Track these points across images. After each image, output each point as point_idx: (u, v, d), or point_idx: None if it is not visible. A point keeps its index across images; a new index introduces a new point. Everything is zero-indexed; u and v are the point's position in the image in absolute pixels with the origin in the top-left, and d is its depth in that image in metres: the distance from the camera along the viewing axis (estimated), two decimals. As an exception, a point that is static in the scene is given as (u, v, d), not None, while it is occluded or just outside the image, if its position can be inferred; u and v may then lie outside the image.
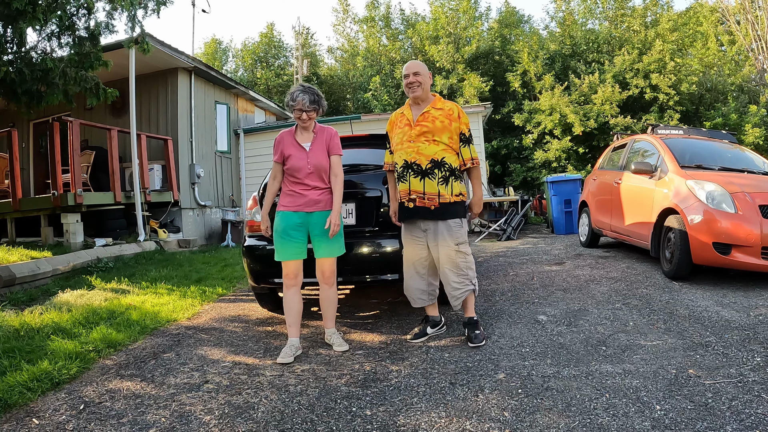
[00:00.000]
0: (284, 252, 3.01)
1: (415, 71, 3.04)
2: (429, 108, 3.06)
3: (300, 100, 2.96)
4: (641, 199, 5.06)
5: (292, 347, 2.96)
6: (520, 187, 13.72)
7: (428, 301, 3.21)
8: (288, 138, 3.06)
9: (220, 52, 23.72)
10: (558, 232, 9.06)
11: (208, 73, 9.35)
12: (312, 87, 3.06)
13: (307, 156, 3.00)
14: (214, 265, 6.35)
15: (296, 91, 3.00)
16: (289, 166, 3.01)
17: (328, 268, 3.06)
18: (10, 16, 4.65)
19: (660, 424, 1.95)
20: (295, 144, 3.03)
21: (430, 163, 2.99)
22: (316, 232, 3.02)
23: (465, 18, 16.39)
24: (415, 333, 3.20)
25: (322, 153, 3.04)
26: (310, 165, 2.99)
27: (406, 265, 3.17)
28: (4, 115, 9.28)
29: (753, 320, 3.14)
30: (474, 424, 2.04)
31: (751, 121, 11.75)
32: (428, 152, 3.00)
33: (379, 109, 15.35)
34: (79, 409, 2.33)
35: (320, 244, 3.03)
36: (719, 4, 16.71)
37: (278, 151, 3.05)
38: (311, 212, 3.00)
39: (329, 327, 3.15)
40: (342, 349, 3.02)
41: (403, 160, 3.06)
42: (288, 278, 3.03)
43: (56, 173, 6.71)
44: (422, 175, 3.00)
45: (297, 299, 3.05)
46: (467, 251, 3.05)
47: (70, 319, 3.63)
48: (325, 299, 3.12)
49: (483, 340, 3.00)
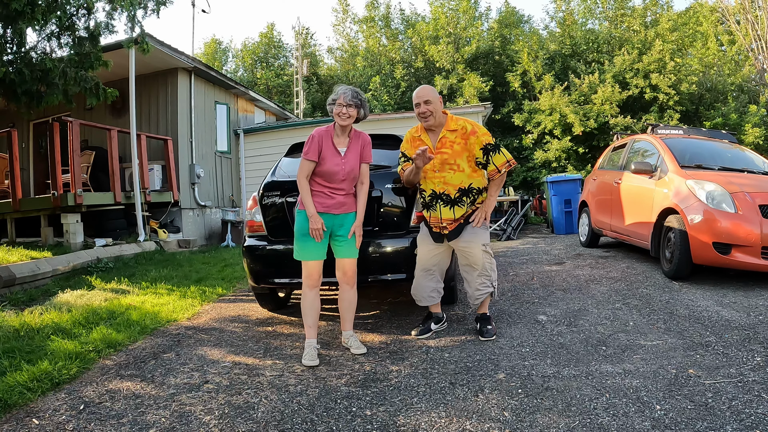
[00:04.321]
0: (307, 252, 2.94)
1: (425, 100, 2.99)
2: (444, 132, 3.06)
3: (342, 93, 2.90)
4: (641, 199, 5.06)
5: (314, 348, 2.92)
6: (520, 187, 13.72)
7: (435, 300, 3.28)
8: (326, 139, 2.92)
9: (220, 52, 23.72)
10: (558, 232, 9.06)
11: (208, 73, 9.34)
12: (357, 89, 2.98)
13: (342, 162, 2.93)
14: (214, 265, 6.35)
15: (339, 89, 2.95)
16: (323, 169, 2.91)
17: (350, 269, 3.02)
18: (9, 16, 4.64)
19: (660, 423, 1.95)
20: (332, 147, 2.93)
21: (458, 192, 3.04)
22: (339, 232, 2.99)
23: (465, 18, 16.39)
24: (421, 329, 3.25)
25: (355, 160, 2.98)
26: (345, 172, 2.93)
27: (418, 265, 3.21)
28: (4, 115, 9.27)
29: (753, 320, 3.14)
30: (474, 424, 2.04)
31: (751, 121, 11.76)
32: (455, 182, 3.04)
33: (379, 110, 15.35)
34: (79, 409, 2.33)
35: (342, 244, 3.00)
36: (719, 4, 16.72)
37: (315, 150, 2.87)
38: (337, 214, 2.97)
39: (347, 329, 3.11)
40: (360, 351, 2.97)
41: (431, 190, 3.09)
42: (310, 279, 2.97)
43: (56, 173, 6.71)
44: (452, 204, 3.06)
45: (317, 301, 3.01)
46: (491, 252, 3.13)
47: (70, 319, 3.63)
48: (345, 300, 3.08)
49: (494, 335, 3.08)
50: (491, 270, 3.11)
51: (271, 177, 3.76)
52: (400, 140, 4.10)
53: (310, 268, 2.96)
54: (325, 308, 4.08)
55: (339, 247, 3.02)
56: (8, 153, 7.26)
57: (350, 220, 3.01)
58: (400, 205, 3.45)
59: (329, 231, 2.99)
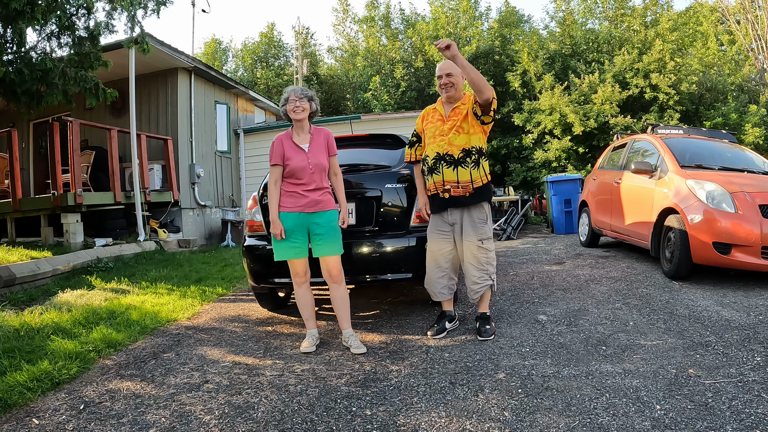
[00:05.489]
0: (285, 252, 3.02)
1: (447, 72, 3.13)
2: (459, 104, 3.16)
3: (291, 90, 3.06)
4: (641, 198, 5.06)
5: (313, 337, 3.10)
6: (520, 187, 13.71)
7: (448, 295, 3.29)
8: (286, 141, 3.05)
9: (220, 52, 23.71)
10: (558, 232, 9.06)
11: (208, 72, 9.34)
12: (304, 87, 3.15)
13: (307, 156, 3.01)
14: (214, 265, 6.35)
15: (287, 89, 3.12)
16: (291, 168, 3.00)
17: (334, 267, 3.05)
18: (9, 16, 4.64)
19: (660, 423, 1.95)
20: (293, 146, 3.03)
21: (461, 152, 3.09)
22: (317, 231, 3.02)
23: (465, 18, 16.38)
24: (436, 329, 3.24)
25: (321, 153, 3.06)
26: (312, 165, 3.00)
27: (429, 258, 3.25)
28: (4, 115, 9.27)
29: (753, 320, 3.14)
30: (474, 424, 2.04)
31: (751, 121, 11.74)
32: (459, 142, 3.10)
33: (378, 109, 15.34)
34: (79, 409, 2.33)
35: (321, 243, 3.03)
36: (719, 4, 16.71)
37: (277, 154, 3.02)
38: (312, 212, 3.01)
39: (345, 328, 3.12)
40: (359, 351, 2.98)
41: (435, 152, 3.14)
42: (297, 276, 3.07)
43: (56, 173, 6.71)
44: (455, 165, 3.10)
45: (309, 294, 3.14)
46: (489, 247, 3.15)
47: (70, 319, 3.63)
48: (336, 298, 3.11)
49: (492, 335, 3.08)
50: (487, 263, 3.12)
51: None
52: (400, 140, 4.10)
53: (295, 267, 3.06)
54: (324, 308, 4.08)
55: (318, 245, 3.04)
56: (8, 153, 7.26)
57: (327, 217, 3.03)
58: (400, 204, 3.45)
59: (305, 230, 3.03)
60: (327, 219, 3.03)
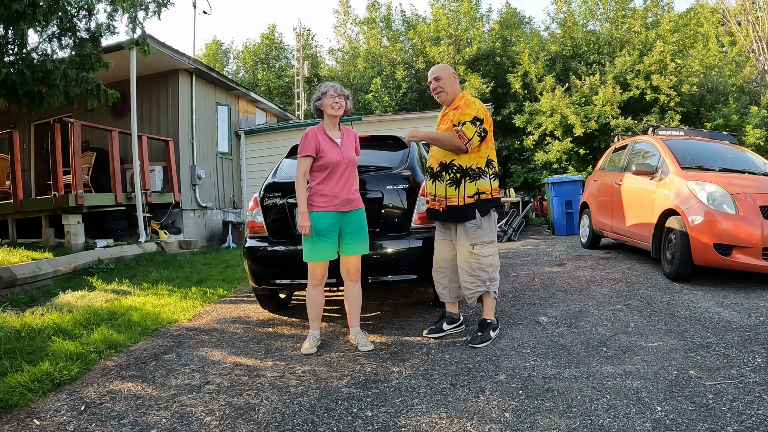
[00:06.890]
0: (317, 253, 2.98)
1: (435, 76, 3.08)
2: (448, 110, 3.09)
3: (331, 86, 3.03)
4: (642, 200, 5.06)
5: (314, 338, 3.09)
6: (520, 189, 13.72)
7: (449, 296, 3.26)
8: (320, 134, 3.00)
9: (221, 54, 23.76)
10: (559, 234, 9.06)
11: (209, 74, 9.35)
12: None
13: (341, 151, 3.00)
14: (215, 266, 6.35)
15: (324, 84, 3.07)
16: (325, 161, 2.95)
17: (354, 265, 3.07)
18: (10, 17, 4.65)
19: (661, 425, 1.95)
20: (328, 140, 3.00)
21: (439, 166, 3.05)
22: (348, 230, 3.02)
23: (466, 19, 16.40)
24: (432, 328, 3.24)
25: (352, 149, 3.07)
26: (345, 159, 2.99)
27: (434, 260, 3.27)
28: (5, 116, 9.28)
29: (754, 321, 3.13)
30: (475, 425, 2.04)
31: (751, 122, 11.75)
32: (438, 155, 3.06)
33: (380, 111, 15.35)
34: (80, 410, 2.33)
35: (351, 242, 3.03)
36: (720, 5, 16.73)
37: (311, 146, 2.93)
38: (345, 212, 3.01)
39: (354, 326, 3.14)
40: (367, 348, 3.01)
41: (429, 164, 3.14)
42: (315, 278, 3.06)
43: (57, 174, 6.72)
44: (434, 178, 3.08)
45: (321, 296, 3.14)
46: (484, 252, 3.01)
47: (71, 320, 3.63)
48: (350, 296, 3.12)
49: (482, 343, 2.98)
50: (479, 269, 3.00)
51: (272, 178, 3.77)
52: (401, 141, 4.11)
53: (316, 268, 3.03)
54: (326, 309, 4.08)
55: (349, 244, 3.04)
56: (9, 154, 7.27)
57: (358, 216, 3.05)
58: (401, 206, 3.45)
59: (338, 229, 3.02)
60: (358, 218, 3.05)
